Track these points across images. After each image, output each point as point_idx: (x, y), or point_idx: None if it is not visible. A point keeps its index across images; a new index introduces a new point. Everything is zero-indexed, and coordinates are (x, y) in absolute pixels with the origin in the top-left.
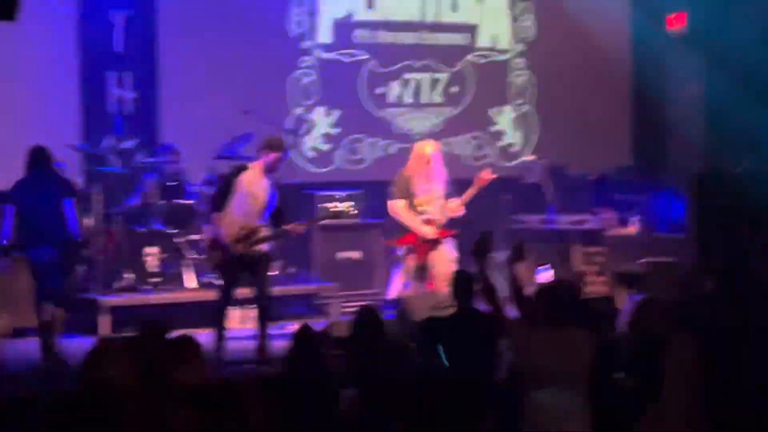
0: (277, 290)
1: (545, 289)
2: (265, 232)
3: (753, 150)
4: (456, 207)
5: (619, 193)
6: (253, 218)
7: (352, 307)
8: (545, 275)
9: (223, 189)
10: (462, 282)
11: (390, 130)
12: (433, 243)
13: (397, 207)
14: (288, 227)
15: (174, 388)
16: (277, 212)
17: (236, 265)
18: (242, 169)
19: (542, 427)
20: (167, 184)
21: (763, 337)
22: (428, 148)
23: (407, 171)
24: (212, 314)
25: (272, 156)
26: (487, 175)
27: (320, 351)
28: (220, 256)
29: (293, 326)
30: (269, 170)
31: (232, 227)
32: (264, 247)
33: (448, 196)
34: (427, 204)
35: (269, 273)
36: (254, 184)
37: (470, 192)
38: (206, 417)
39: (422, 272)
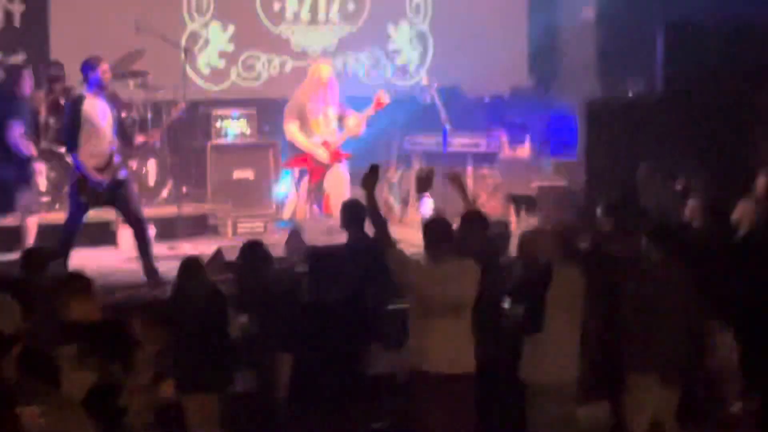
0: (169, 211)
1: (425, 223)
2: (118, 154)
3: (642, 75)
4: (352, 127)
5: (512, 115)
6: (104, 144)
7: (247, 227)
8: (426, 207)
9: (70, 124)
10: (352, 211)
11: (287, 47)
12: (328, 166)
13: (291, 129)
14: (141, 139)
15: (65, 326)
16: (121, 129)
17: (100, 196)
18: (81, 99)
19: (429, 356)
20: (57, 100)
21: (648, 268)
22: (324, 71)
23: (302, 94)
24: (60, 242)
25: (94, 75)
26: (383, 98)
27: (206, 281)
28: (89, 190)
29: (183, 247)
30: (100, 90)
31: (89, 160)
32: (122, 172)
33: (342, 117)
34: (323, 127)
35: (134, 195)
36: (94, 108)
37: (366, 113)
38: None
39: (316, 195)
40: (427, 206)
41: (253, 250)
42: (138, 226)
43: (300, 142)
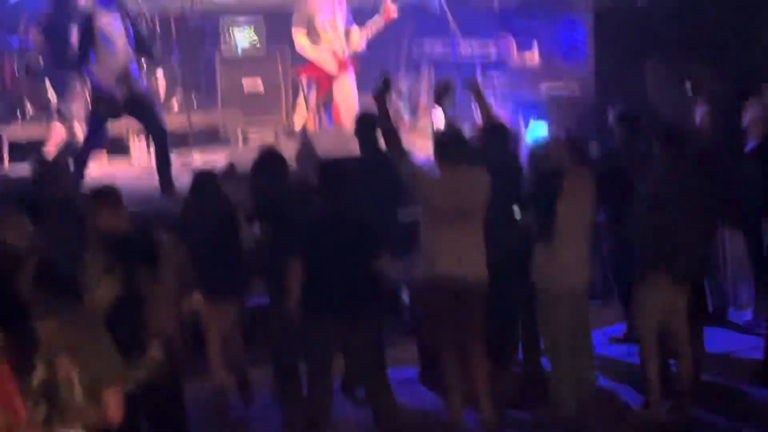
0: (179, 120)
1: (437, 133)
2: (135, 67)
3: None
4: (355, 43)
5: (519, 19)
6: (120, 58)
7: (258, 135)
8: (438, 116)
9: (82, 42)
10: (365, 123)
11: None
12: (335, 76)
13: (298, 36)
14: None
15: (93, 237)
16: (140, 41)
17: (118, 109)
18: (91, 16)
19: (441, 263)
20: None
21: (659, 172)
22: None
23: (310, 2)
24: (77, 156)
25: None
26: (391, 11)
27: (220, 195)
28: (106, 104)
29: (194, 158)
30: (110, 3)
31: (104, 75)
32: (141, 84)
33: (349, 26)
34: (331, 36)
35: (155, 105)
36: (107, 24)
37: (372, 26)
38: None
39: (325, 105)
40: (439, 115)
41: (268, 158)
42: (159, 138)
43: (306, 50)
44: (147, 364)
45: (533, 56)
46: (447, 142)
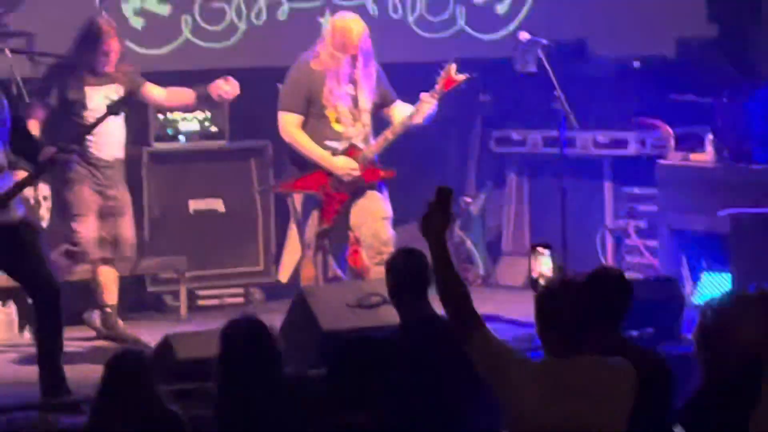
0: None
1: (541, 290)
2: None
3: None
4: (398, 126)
5: (677, 92)
6: None
7: (215, 295)
8: (542, 262)
9: None
10: (407, 270)
11: None
12: (355, 190)
13: (289, 124)
14: (46, 157)
15: None
16: (21, 137)
17: None
18: None
19: None
20: None
21: None
22: (354, 26)
23: (314, 62)
24: None
25: None
26: (454, 73)
27: (150, 393)
28: None
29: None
30: None
31: None
32: (19, 210)
33: (382, 106)
34: (347, 122)
35: (38, 244)
36: None
37: (424, 104)
38: None
39: (335, 240)
40: (544, 262)
41: (242, 334)
42: (46, 299)
43: (305, 145)
44: None
45: (705, 155)
46: (556, 307)
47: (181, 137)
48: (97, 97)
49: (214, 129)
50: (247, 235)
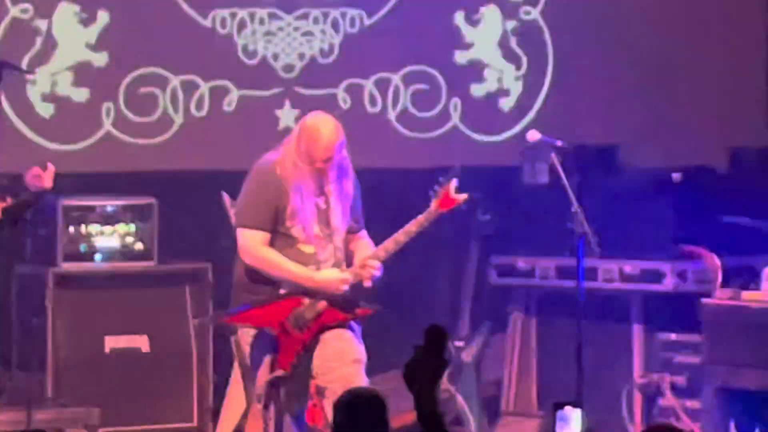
0: None
1: None
2: None
3: None
4: (373, 258)
5: (728, 213)
6: None
7: None
8: (571, 419)
9: None
10: (356, 424)
11: (230, 58)
12: (322, 325)
13: (256, 243)
14: None
15: None
16: None
17: None
18: None
19: None
20: None
21: None
22: (324, 133)
23: (280, 168)
24: None
25: None
26: (453, 192)
27: None
28: None
29: None
30: None
31: None
32: None
33: (354, 231)
34: (316, 247)
35: None
36: None
37: (408, 230)
38: None
39: (292, 391)
40: (572, 422)
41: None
42: None
43: (284, 268)
44: None
45: (763, 295)
46: None
47: (98, 256)
48: None
49: (138, 247)
50: (177, 383)
